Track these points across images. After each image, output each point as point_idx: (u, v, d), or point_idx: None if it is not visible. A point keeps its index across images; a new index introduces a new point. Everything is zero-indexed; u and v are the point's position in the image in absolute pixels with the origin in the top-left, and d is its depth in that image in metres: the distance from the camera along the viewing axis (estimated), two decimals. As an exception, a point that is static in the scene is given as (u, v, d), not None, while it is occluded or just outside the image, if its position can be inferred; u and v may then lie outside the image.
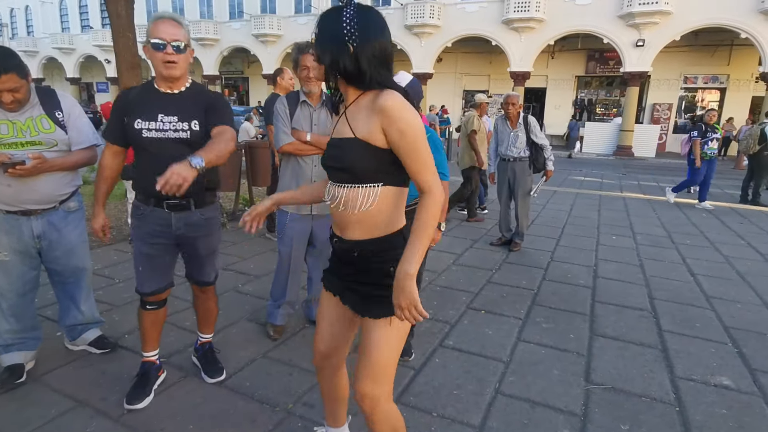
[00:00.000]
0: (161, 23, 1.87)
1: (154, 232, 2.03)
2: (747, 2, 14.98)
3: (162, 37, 1.85)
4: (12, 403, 2.12)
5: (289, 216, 2.68)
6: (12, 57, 2.01)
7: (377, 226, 1.35)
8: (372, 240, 1.36)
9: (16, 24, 33.94)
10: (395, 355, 1.42)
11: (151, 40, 1.87)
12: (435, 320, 3.15)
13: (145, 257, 2.08)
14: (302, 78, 2.59)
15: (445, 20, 19.73)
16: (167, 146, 1.91)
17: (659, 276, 4.19)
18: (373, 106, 1.26)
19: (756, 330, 3.15)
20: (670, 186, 8.43)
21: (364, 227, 1.35)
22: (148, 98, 1.96)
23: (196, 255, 2.18)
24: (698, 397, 2.35)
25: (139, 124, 1.92)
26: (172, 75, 1.91)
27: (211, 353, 2.45)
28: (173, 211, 2.01)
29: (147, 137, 1.92)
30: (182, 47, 1.90)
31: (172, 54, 1.87)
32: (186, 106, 1.96)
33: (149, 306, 2.16)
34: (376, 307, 1.38)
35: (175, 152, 1.84)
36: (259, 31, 23.47)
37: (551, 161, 4.83)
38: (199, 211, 2.07)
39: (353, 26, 1.26)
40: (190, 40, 1.96)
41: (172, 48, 1.87)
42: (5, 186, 2.09)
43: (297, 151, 2.58)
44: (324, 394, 1.74)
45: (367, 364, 1.40)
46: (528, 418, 2.14)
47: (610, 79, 20.60)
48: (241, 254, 4.42)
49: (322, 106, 2.65)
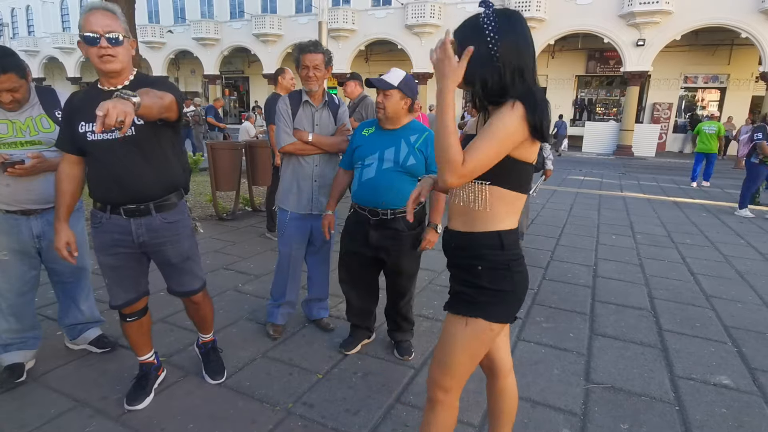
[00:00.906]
0: (92, 15, 1.71)
1: (114, 241, 1.90)
2: (747, 2, 14.98)
3: (94, 29, 1.70)
4: (12, 402, 2.13)
5: (288, 215, 2.68)
6: (11, 57, 2.00)
7: (475, 222, 1.37)
8: (466, 234, 1.38)
9: (17, 23, 33.95)
10: (470, 358, 1.41)
11: (83, 35, 1.71)
12: (435, 320, 3.15)
13: (109, 269, 1.96)
14: (303, 77, 2.56)
15: (445, 20, 19.72)
16: (114, 148, 1.78)
17: (659, 275, 4.18)
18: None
19: (756, 329, 3.15)
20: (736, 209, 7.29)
21: (466, 220, 1.38)
22: (91, 99, 1.78)
23: (168, 264, 2.02)
24: (698, 397, 2.36)
25: (83, 128, 1.78)
26: (111, 69, 1.76)
27: (214, 352, 2.42)
28: (132, 217, 1.87)
29: (92, 140, 1.78)
30: (119, 38, 1.74)
31: (107, 47, 1.71)
32: None
33: (128, 318, 2.07)
34: (457, 303, 1.41)
35: (122, 153, 1.77)
36: (259, 31, 23.47)
37: (550, 160, 4.83)
38: (160, 216, 1.91)
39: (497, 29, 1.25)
40: (128, 31, 1.81)
41: (107, 40, 1.71)
42: (4, 186, 2.09)
43: (298, 151, 2.58)
44: (489, 410, 1.74)
45: (439, 358, 1.44)
46: (528, 418, 2.14)
47: (610, 79, 20.59)
48: (241, 254, 4.42)
49: (324, 106, 2.64)
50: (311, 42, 2.56)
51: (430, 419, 1.48)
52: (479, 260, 1.36)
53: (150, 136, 1.81)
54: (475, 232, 1.37)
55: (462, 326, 1.38)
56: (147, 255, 2.02)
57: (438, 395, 1.45)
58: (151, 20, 28.11)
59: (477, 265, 1.36)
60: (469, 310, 1.36)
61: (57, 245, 1.90)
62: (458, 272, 1.42)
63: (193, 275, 2.12)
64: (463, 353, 1.40)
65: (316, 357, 2.61)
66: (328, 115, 2.65)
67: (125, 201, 1.84)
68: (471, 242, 1.38)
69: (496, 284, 1.36)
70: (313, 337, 2.84)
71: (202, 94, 27.89)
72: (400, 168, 2.31)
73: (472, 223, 1.37)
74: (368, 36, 21.13)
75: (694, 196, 8.70)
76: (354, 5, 21.86)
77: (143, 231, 1.90)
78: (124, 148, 1.78)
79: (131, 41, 1.84)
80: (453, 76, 1.22)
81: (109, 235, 1.90)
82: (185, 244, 2.03)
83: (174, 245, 1.98)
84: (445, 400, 1.45)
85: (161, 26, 27.24)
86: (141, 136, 1.80)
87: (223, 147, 5.72)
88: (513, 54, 1.26)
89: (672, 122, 19.34)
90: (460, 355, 1.40)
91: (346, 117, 2.75)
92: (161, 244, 1.95)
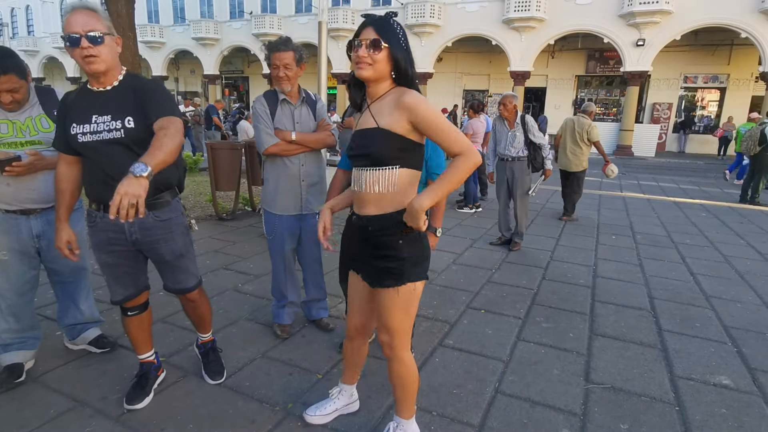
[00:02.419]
0: (72, 15, 1.68)
1: (109, 239, 1.91)
2: (747, 2, 14.98)
3: (74, 30, 1.67)
4: (11, 402, 2.12)
5: (277, 217, 2.65)
6: (10, 57, 2.00)
7: (390, 203, 1.56)
8: (384, 215, 1.57)
9: (16, 23, 33.91)
10: (408, 316, 1.67)
11: (65, 36, 1.69)
12: (435, 320, 3.15)
13: (107, 266, 1.97)
14: (275, 77, 2.47)
15: (445, 20, 19.72)
16: (103, 149, 1.77)
17: (659, 275, 4.19)
18: (398, 103, 1.49)
19: (755, 329, 3.15)
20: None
21: (380, 204, 1.57)
22: (82, 100, 1.81)
23: (162, 261, 2.02)
24: (698, 397, 2.35)
25: (74, 129, 1.78)
26: (96, 70, 1.73)
27: (213, 353, 2.41)
28: None
29: (82, 142, 1.78)
30: (100, 37, 1.70)
31: (89, 47, 1.68)
32: (118, 102, 1.79)
33: (129, 312, 2.08)
34: (386, 278, 1.60)
35: (113, 155, 1.76)
36: (259, 31, 23.45)
37: (549, 160, 4.84)
38: (152, 214, 1.90)
39: (403, 34, 1.52)
40: (111, 27, 1.77)
41: (88, 40, 1.68)
42: (4, 185, 2.08)
43: (283, 152, 2.52)
44: (347, 360, 2.03)
45: (383, 325, 1.68)
46: (528, 418, 2.14)
47: (610, 79, 20.58)
48: (241, 254, 4.42)
49: (302, 103, 2.59)
50: (281, 40, 2.48)
51: (393, 372, 1.75)
52: (399, 235, 1.57)
53: (141, 137, 1.77)
54: (391, 212, 1.56)
55: (395, 295, 1.61)
56: (142, 253, 2.01)
57: (388, 353, 1.72)
58: (151, 20, 28.09)
59: (398, 239, 1.57)
60: (397, 281, 1.59)
61: (57, 244, 1.92)
62: (380, 251, 1.61)
63: (188, 273, 2.11)
64: (401, 315, 1.64)
65: (316, 357, 2.61)
66: (307, 112, 2.60)
67: None
68: (390, 221, 1.57)
69: (414, 251, 1.60)
70: (313, 337, 2.84)
71: (201, 94, 27.89)
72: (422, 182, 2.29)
73: (388, 205, 1.56)
74: (368, 36, 21.11)
75: (694, 196, 8.70)
76: (354, 5, 21.86)
77: (136, 229, 1.90)
78: (114, 148, 1.77)
79: (116, 38, 1.80)
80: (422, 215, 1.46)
81: (104, 233, 1.91)
82: (179, 241, 2.01)
83: (167, 243, 1.97)
84: (395, 355, 1.70)
85: (161, 26, 27.23)
86: (130, 138, 1.78)
87: (223, 147, 5.72)
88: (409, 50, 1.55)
89: (672, 122, 19.35)
90: (399, 318, 1.65)
91: (325, 111, 2.71)
92: (154, 242, 1.94)
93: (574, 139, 6.23)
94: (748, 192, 8.24)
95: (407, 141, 1.52)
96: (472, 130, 6.67)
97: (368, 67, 1.50)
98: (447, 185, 1.45)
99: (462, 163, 1.44)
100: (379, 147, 1.51)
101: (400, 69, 1.52)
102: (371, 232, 1.60)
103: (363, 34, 1.50)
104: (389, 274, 1.59)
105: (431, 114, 1.47)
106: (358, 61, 1.49)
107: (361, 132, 1.58)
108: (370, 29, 1.49)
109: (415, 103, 1.46)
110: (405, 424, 1.83)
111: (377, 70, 1.50)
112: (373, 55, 1.48)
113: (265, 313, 3.13)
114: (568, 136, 6.30)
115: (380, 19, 1.50)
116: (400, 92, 1.51)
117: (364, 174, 1.57)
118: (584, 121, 6.21)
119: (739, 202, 8.22)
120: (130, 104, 1.79)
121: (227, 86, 29.10)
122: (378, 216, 1.58)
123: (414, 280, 1.62)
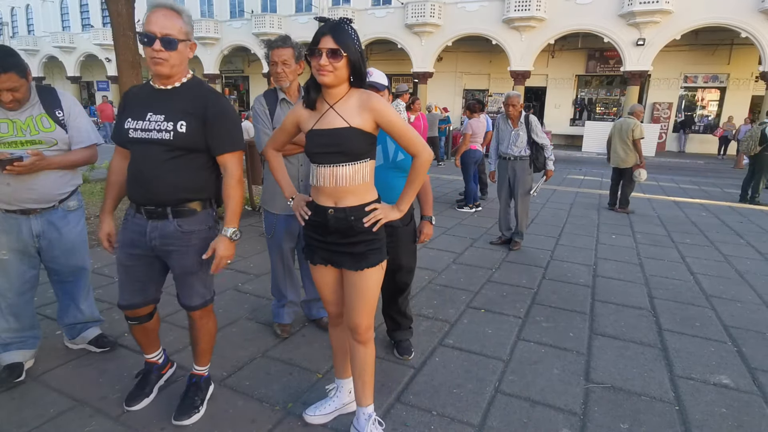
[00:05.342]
0: (154, 14, 1.69)
1: (132, 240, 1.88)
2: (747, 2, 14.97)
3: (152, 30, 1.67)
4: (11, 402, 2.12)
5: (276, 216, 2.65)
6: (11, 56, 2.00)
7: (366, 192, 1.73)
8: (364, 204, 1.72)
9: (16, 23, 33.90)
10: (377, 293, 1.84)
11: (142, 32, 1.70)
12: (435, 319, 3.15)
13: (122, 267, 1.93)
14: (273, 74, 2.46)
15: (445, 19, 19.71)
16: (149, 148, 1.77)
17: (659, 275, 4.19)
18: (365, 105, 1.64)
19: (755, 329, 3.15)
20: None
21: (357, 194, 1.71)
22: (142, 96, 1.83)
23: (173, 272, 1.95)
24: (698, 396, 2.36)
25: (128, 124, 1.79)
26: (159, 73, 1.74)
27: (194, 390, 2.10)
28: (150, 219, 1.84)
29: (133, 137, 1.78)
30: (174, 43, 1.70)
31: (160, 50, 1.68)
32: (176, 104, 1.78)
33: (130, 321, 2.02)
34: (371, 258, 1.75)
35: (152, 153, 1.76)
36: (259, 30, 23.43)
37: (551, 161, 4.83)
38: (177, 221, 1.84)
39: (357, 38, 1.63)
40: (189, 33, 1.77)
41: (162, 43, 1.68)
42: (4, 185, 2.08)
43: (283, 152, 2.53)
44: (335, 349, 2.08)
45: (364, 304, 1.78)
46: (528, 417, 2.14)
47: (610, 78, 20.57)
48: (241, 253, 4.42)
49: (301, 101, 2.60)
50: (280, 37, 2.48)
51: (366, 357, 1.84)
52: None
53: (188, 145, 1.78)
54: (366, 201, 1.73)
55: (379, 272, 1.79)
56: (161, 260, 1.94)
57: (369, 334, 1.83)
58: (151, 19, 28.06)
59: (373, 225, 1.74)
60: (379, 258, 1.77)
61: (99, 235, 2.01)
62: (360, 238, 1.73)
63: (193, 291, 1.97)
64: (376, 292, 1.81)
65: (316, 357, 2.61)
66: None
67: (145, 201, 1.84)
68: (365, 210, 1.72)
69: (384, 232, 1.80)
70: (313, 337, 2.84)
71: (201, 94, 27.80)
72: (390, 164, 2.33)
73: (362, 195, 1.72)
74: (368, 35, 21.10)
75: (694, 196, 8.70)
76: (354, 4, 21.85)
77: (156, 234, 1.85)
78: (157, 148, 1.76)
79: (190, 44, 1.80)
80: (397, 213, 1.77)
81: (129, 233, 1.90)
82: (191, 259, 1.89)
83: (180, 256, 1.88)
84: (369, 337, 1.84)
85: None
86: (178, 143, 1.77)
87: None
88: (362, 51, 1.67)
89: (672, 122, 19.34)
90: (375, 296, 1.81)
91: None
92: (169, 252, 1.88)
93: (623, 139, 6.80)
94: (748, 191, 8.24)
95: (373, 137, 1.70)
96: (472, 130, 6.67)
97: (330, 74, 1.58)
98: (415, 186, 1.73)
99: (418, 164, 1.69)
100: (356, 144, 1.64)
101: (357, 72, 1.64)
102: (354, 222, 1.71)
103: (322, 42, 1.56)
104: (372, 254, 1.75)
105: (394, 117, 1.66)
106: (320, 68, 1.57)
107: (331, 131, 1.66)
108: (329, 38, 1.56)
109: (381, 108, 1.64)
110: (374, 411, 1.91)
111: (338, 77, 1.60)
112: (334, 63, 1.57)
113: (265, 313, 3.13)
114: (616, 137, 6.90)
115: (337, 27, 1.58)
116: (365, 96, 1.66)
117: (341, 169, 1.66)
118: (630, 120, 6.79)
119: (739, 201, 8.22)
120: (188, 109, 1.78)
121: (227, 86, 29.08)
122: (359, 206, 1.71)
123: (387, 257, 1.83)
